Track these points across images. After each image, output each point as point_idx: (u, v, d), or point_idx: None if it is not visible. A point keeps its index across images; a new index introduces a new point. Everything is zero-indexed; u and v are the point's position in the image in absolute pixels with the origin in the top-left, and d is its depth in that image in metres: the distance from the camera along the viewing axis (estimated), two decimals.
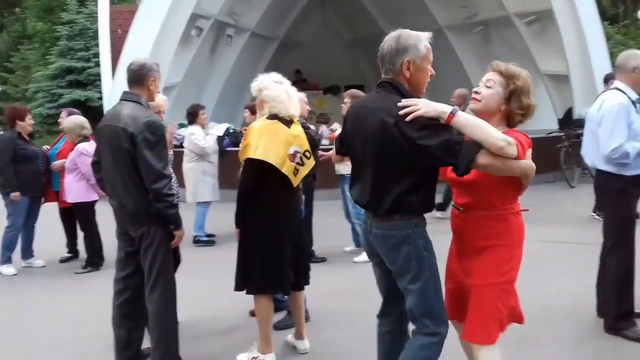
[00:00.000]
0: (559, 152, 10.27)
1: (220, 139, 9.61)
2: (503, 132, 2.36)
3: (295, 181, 3.48)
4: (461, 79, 15.33)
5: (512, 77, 2.49)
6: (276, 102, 3.45)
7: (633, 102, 3.68)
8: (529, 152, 2.37)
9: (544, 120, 13.54)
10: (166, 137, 3.33)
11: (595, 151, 3.80)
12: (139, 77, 3.33)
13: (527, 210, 2.60)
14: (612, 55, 14.54)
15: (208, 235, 7.10)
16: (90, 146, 5.85)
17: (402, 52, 2.42)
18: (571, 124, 11.36)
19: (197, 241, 6.92)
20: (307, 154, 3.49)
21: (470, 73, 15.16)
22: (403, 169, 2.36)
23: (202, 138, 6.94)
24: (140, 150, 3.14)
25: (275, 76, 3.56)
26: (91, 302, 4.94)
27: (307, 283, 3.67)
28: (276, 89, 3.48)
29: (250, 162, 3.38)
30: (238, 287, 3.57)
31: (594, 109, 3.81)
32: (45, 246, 6.45)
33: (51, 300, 5.10)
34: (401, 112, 2.28)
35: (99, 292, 5.19)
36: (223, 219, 7.67)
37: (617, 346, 3.59)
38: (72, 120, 5.98)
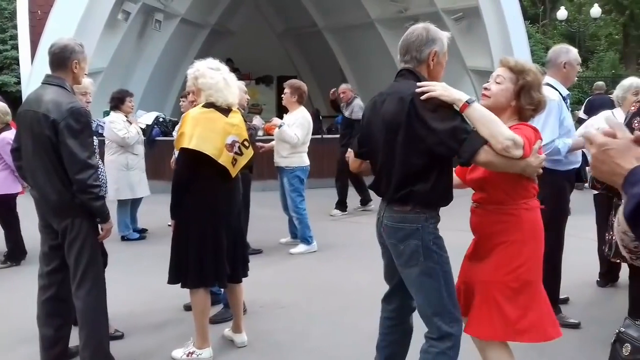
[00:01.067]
0: None
1: (149, 128, 9.32)
2: (513, 125, 2.38)
3: (234, 171, 3.40)
4: (392, 72, 15.59)
5: (522, 72, 2.47)
6: (213, 90, 3.34)
7: (564, 98, 3.75)
8: (536, 145, 2.33)
9: None
10: (91, 124, 3.14)
11: None
12: (62, 59, 3.11)
13: (544, 208, 2.57)
14: (532, 54, 15.27)
15: (140, 231, 6.80)
16: (13, 135, 5.49)
17: (431, 43, 2.47)
18: None
19: (126, 239, 6.55)
20: (246, 143, 3.41)
21: (401, 67, 15.46)
22: (415, 152, 2.34)
23: (123, 127, 6.34)
24: (63, 138, 2.94)
25: (212, 62, 3.43)
26: (13, 297, 4.67)
27: (246, 275, 3.60)
28: (213, 76, 3.35)
29: (185, 151, 3.26)
30: (172, 281, 3.45)
31: None
32: None
33: None
34: (418, 90, 2.30)
35: (21, 287, 4.92)
36: (155, 211, 7.49)
37: None
38: None
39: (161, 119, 9.97)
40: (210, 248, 3.33)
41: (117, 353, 3.35)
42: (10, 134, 5.42)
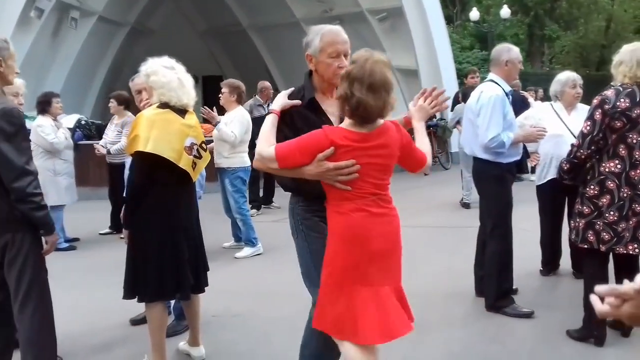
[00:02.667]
0: None
1: (71, 132, 8.74)
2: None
3: (195, 175, 3.22)
4: None
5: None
6: (165, 90, 3.13)
7: (506, 94, 3.93)
8: (321, 154, 2.22)
9: (396, 113, 14.35)
10: (25, 127, 2.86)
11: (474, 140, 4.01)
12: None
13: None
14: None
15: (69, 241, 6.40)
16: None
17: (306, 47, 2.57)
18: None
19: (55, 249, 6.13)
20: (204, 145, 3.24)
21: None
22: None
23: (52, 132, 5.99)
24: None
25: (166, 61, 3.22)
26: None
27: (207, 284, 3.43)
28: (166, 74, 3.15)
29: (140, 155, 3.04)
30: (127, 296, 3.21)
31: (473, 100, 4.02)
32: None
33: None
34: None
35: None
36: (83, 219, 7.06)
37: (501, 323, 3.84)
38: None
39: (83, 122, 9.44)
40: (170, 258, 3.12)
41: None
42: None
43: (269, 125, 2.45)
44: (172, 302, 3.84)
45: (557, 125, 4.31)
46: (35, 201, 2.75)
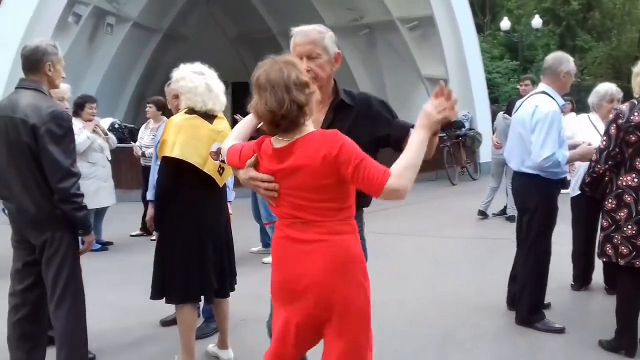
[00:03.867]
0: (442, 152, 10.87)
1: None
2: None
3: (221, 180, 3.26)
4: (347, 80, 15.74)
5: None
6: (192, 94, 3.19)
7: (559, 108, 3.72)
8: (249, 161, 2.09)
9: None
10: (73, 130, 2.95)
11: (522, 154, 3.80)
12: (34, 62, 2.88)
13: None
14: None
15: (103, 243, 6.49)
16: None
17: None
18: (451, 125, 12.08)
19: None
20: None
21: (356, 75, 15.60)
22: None
23: (77, 133, 5.87)
24: (44, 144, 2.74)
25: (196, 66, 3.29)
26: None
27: (233, 289, 3.46)
28: (193, 79, 3.20)
29: (167, 160, 3.11)
30: (155, 296, 3.27)
31: (526, 114, 3.76)
32: None
33: None
34: None
35: None
36: (116, 221, 7.18)
37: (532, 338, 3.78)
38: None
39: (116, 125, 9.62)
40: (196, 261, 3.17)
41: None
42: None
43: (244, 121, 2.32)
44: (202, 304, 3.89)
45: (593, 137, 4.21)
46: (77, 202, 2.83)
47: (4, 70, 9.01)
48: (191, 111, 3.21)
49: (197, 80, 3.22)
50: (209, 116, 3.25)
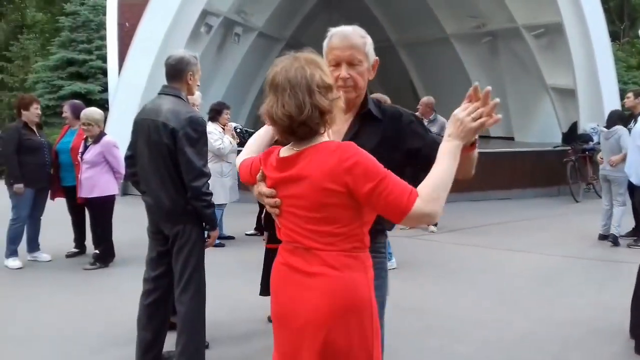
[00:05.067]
0: (565, 166, 10.27)
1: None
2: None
3: None
4: (467, 90, 15.33)
5: None
6: None
7: None
8: (258, 175, 1.87)
9: (549, 134, 13.59)
10: (206, 134, 3.24)
11: None
12: (178, 71, 3.24)
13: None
14: None
15: (225, 238, 6.97)
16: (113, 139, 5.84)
17: None
18: (577, 138, 11.38)
19: None
20: None
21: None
22: None
23: (219, 138, 6.65)
24: (181, 146, 3.05)
25: None
26: (100, 299, 4.83)
27: None
28: None
29: None
30: (264, 292, 3.47)
31: None
32: (51, 240, 6.29)
33: (59, 295, 4.95)
34: None
35: (107, 289, 5.10)
36: (236, 220, 7.61)
37: None
38: (98, 112, 5.87)
39: (238, 130, 10.15)
40: None
41: None
42: (112, 138, 5.78)
43: (259, 132, 2.15)
44: None
45: None
46: (207, 199, 3.12)
47: (145, 71, 9.92)
48: None
49: None
50: None
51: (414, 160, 2.12)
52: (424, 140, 2.12)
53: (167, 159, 3.09)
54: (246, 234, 7.38)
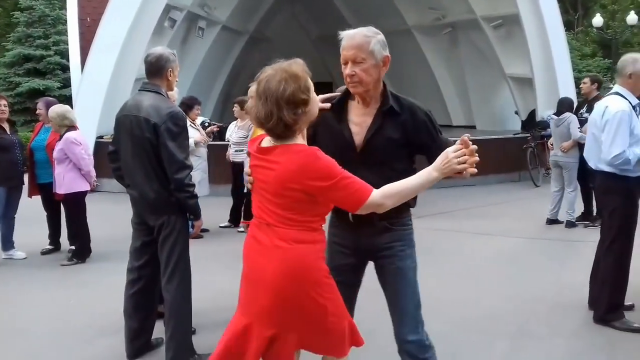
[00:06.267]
0: (525, 153, 10.68)
1: None
2: None
3: None
4: (428, 80, 15.73)
5: None
6: None
7: (633, 107, 3.81)
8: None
9: (508, 122, 14.05)
10: (187, 128, 3.33)
11: (598, 154, 3.91)
12: (158, 68, 3.33)
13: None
14: None
15: (201, 231, 7.04)
16: (78, 135, 5.76)
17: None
18: (535, 125, 11.81)
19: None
20: None
21: (438, 74, 15.54)
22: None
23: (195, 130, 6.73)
24: (163, 140, 3.15)
25: None
26: (81, 293, 4.87)
27: None
28: None
29: None
30: None
31: (597, 114, 3.91)
32: (25, 238, 6.27)
33: (40, 292, 4.97)
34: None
35: (87, 284, 5.14)
36: (207, 213, 7.67)
37: (610, 336, 3.79)
38: (54, 110, 5.84)
39: (206, 124, 10.19)
40: None
41: (195, 346, 3.48)
42: (75, 134, 5.70)
43: None
44: None
45: None
46: (190, 191, 3.23)
47: (109, 67, 9.84)
48: None
49: None
50: None
51: (422, 153, 2.44)
52: (434, 141, 2.41)
53: (150, 153, 3.18)
54: (220, 227, 7.48)
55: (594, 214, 7.03)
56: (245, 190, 4.67)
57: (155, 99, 3.23)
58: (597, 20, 20.57)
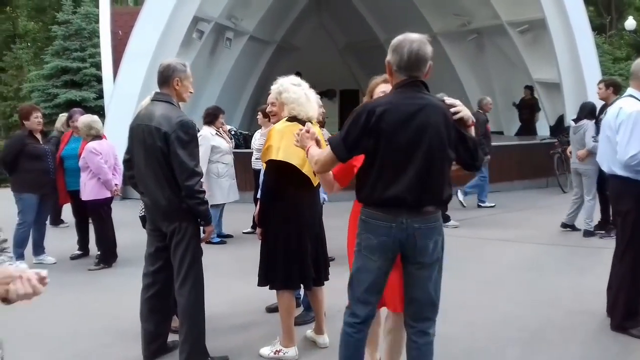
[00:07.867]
0: (552, 159, 10.54)
1: None
2: None
3: (316, 181, 3.61)
4: (455, 86, 15.63)
5: None
6: (295, 105, 3.54)
7: None
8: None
9: (537, 127, 13.86)
10: (197, 136, 3.45)
11: (611, 157, 3.88)
12: (165, 78, 3.42)
13: None
14: (600, 65, 14.94)
15: (224, 236, 7.26)
16: (99, 144, 5.99)
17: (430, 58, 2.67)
18: (563, 131, 11.63)
19: (208, 242, 6.98)
20: None
21: (464, 80, 15.44)
22: (448, 162, 2.64)
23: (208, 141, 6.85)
24: (173, 148, 3.25)
25: (294, 79, 3.66)
26: (107, 298, 5.04)
27: (327, 279, 3.81)
28: (295, 91, 3.57)
29: (272, 163, 3.51)
30: (261, 283, 3.69)
31: (611, 116, 3.90)
32: (55, 244, 6.52)
33: (66, 296, 5.16)
34: (453, 110, 2.64)
35: (112, 288, 5.31)
36: (231, 219, 7.85)
37: (624, 344, 3.76)
38: (82, 120, 6.11)
39: (232, 132, 10.38)
40: (297, 253, 3.56)
41: (209, 350, 3.59)
42: (95, 144, 5.94)
43: None
44: (302, 294, 4.28)
45: None
46: (200, 197, 3.34)
47: (139, 78, 10.15)
48: (292, 119, 3.59)
49: (298, 92, 3.59)
50: (305, 123, 3.61)
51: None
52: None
53: (162, 161, 3.30)
54: (243, 232, 7.62)
55: (611, 222, 6.87)
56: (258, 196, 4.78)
57: (166, 109, 3.35)
58: (630, 23, 20.17)
